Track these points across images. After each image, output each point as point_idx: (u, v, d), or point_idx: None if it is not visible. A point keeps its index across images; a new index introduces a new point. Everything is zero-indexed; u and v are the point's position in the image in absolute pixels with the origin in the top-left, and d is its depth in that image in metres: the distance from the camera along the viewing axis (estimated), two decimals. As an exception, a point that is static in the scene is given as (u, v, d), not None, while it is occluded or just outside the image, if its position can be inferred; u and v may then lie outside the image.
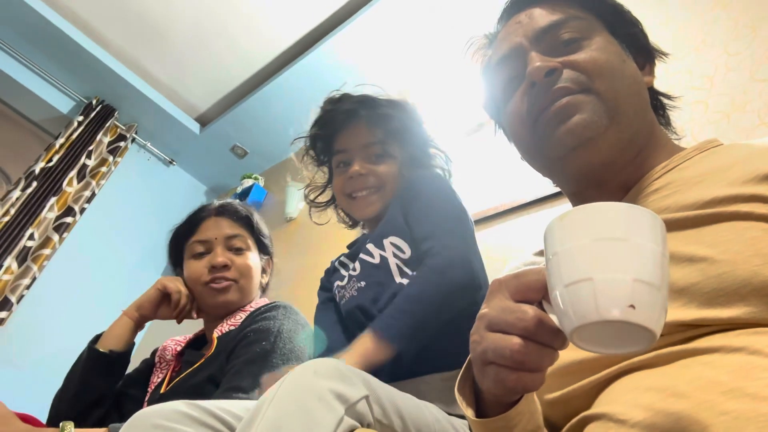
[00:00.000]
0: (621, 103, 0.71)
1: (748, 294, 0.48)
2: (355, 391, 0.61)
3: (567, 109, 0.71)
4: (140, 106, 3.19)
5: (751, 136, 1.34)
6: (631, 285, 0.38)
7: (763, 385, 0.41)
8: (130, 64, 3.04)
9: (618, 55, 0.75)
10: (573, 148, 0.71)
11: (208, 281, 1.35)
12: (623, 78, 0.73)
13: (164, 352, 1.43)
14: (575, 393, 0.58)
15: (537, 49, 0.76)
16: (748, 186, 0.55)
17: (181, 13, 2.72)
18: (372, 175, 1.19)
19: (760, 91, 1.39)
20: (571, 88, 0.71)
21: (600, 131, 0.70)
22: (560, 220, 0.44)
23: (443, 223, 1.04)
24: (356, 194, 1.20)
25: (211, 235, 1.40)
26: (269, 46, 2.84)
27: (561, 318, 0.42)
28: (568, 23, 0.76)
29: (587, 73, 0.72)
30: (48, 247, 2.70)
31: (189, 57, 2.96)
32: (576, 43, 0.75)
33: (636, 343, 0.40)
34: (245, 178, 3.36)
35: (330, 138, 1.28)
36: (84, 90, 3.14)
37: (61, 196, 2.82)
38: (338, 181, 1.25)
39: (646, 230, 0.41)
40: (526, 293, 0.47)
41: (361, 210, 1.21)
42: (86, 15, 2.79)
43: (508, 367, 0.45)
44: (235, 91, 3.15)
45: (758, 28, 1.49)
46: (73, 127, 2.98)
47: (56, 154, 2.90)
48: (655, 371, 0.50)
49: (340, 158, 1.25)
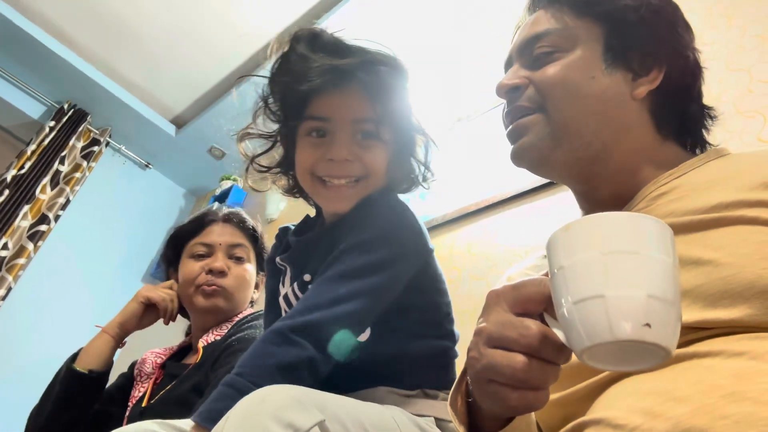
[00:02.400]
0: (571, 123, 0.71)
1: (751, 296, 0.48)
2: (308, 418, 0.57)
3: (516, 132, 0.75)
4: (114, 109, 3.12)
5: (727, 125, 1.35)
6: (645, 302, 0.37)
7: (763, 390, 0.40)
8: (101, 66, 2.98)
9: (587, 71, 0.72)
10: (527, 167, 0.75)
11: (201, 283, 1.32)
12: (580, 97, 0.72)
13: (143, 365, 1.38)
14: (571, 397, 0.57)
15: (520, 61, 0.78)
16: (754, 192, 0.55)
17: (153, 14, 2.66)
18: (358, 161, 0.92)
19: (735, 80, 1.40)
20: (525, 108, 0.74)
21: (545, 153, 0.72)
22: (565, 231, 0.41)
23: (360, 272, 0.83)
24: (331, 180, 0.92)
25: (215, 240, 1.38)
26: (244, 44, 2.80)
27: (569, 336, 0.40)
28: (546, 36, 0.75)
29: (541, 93, 0.73)
30: (23, 257, 2.64)
31: (162, 57, 2.91)
32: (547, 57, 0.75)
33: (649, 360, 0.39)
34: (224, 179, 3.32)
35: (304, 95, 0.93)
36: (55, 94, 3.07)
37: (34, 204, 2.76)
38: (306, 154, 0.93)
39: (657, 241, 0.39)
40: (526, 305, 0.45)
41: (331, 201, 0.94)
42: (54, 17, 2.72)
43: (509, 386, 0.44)
44: (211, 91, 3.10)
45: (733, 17, 1.50)
46: (44, 133, 2.92)
47: (28, 160, 2.83)
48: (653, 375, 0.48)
49: (314, 125, 0.93)
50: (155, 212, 3.48)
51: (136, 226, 3.34)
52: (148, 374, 1.35)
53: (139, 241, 3.33)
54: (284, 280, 1.01)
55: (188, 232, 1.42)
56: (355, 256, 0.84)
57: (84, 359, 1.26)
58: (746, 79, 1.38)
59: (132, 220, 3.32)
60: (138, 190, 3.43)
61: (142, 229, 3.36)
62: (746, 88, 1.37)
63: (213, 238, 1.38)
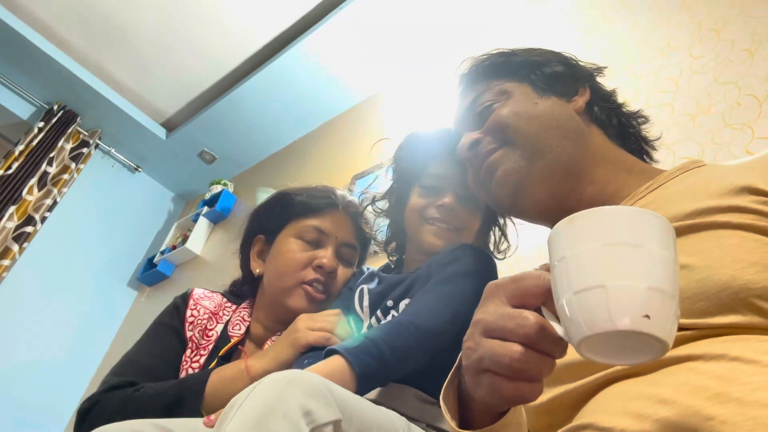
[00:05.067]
0: (535, 140, 0.79)
1: (727, 298, 0.49)
2: (327, 413, 0.58)
3: (490, 169, 0.82)
4: (104, 111, 3.10)
5: (716, 137, 1.37)
6: (645, 293, 0.37)
7: (749, 390, 0.41)
8: (92, 68, 2.96)
9: (529, 101, 0.83)
10: (510, 197, 0.80)
11: (307, 280, 1.14)
12: (533, 118, 0.81)
13: (200, 318, 1.16)
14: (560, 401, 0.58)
15: (465, 128, 0.89)
16: (725, 198, 0.57)
17: (145, 16, 2.66)
18: (460, 215, 1.09)
19: (724, 93, 1.42)
20: (491, 149, 0.82)
21: (523, 173, 0.78)
22: (569, 223, 0.42)
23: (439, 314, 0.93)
24: (436, 223, 1.09)
25: (331, 229, 1.19)
26: (237, 50, 2.80)
27: (568, 326, 0.40)
28: (481, 96, 0.87)
29: (499, 130, 0.82)
30: (7, 258, 2.61)
31: (154, 60, 2.90)
32: (489, 110, 0.85)
33: (646, 354, 0.39)
34: (214, 183, 3.30)
35: (422, 163, 1.14)
36: (44, 95, 3.05)
37: (20, 205, 2.73)
38: (418, 201, 1.11)
39: (658, 236, 0.39)
40: (525, 298, 0.45)
41: (430, 237, 1.08)
42: (46, 17, 2.71)
43: (505, 376, 0.44)
44: (202, 95, 3.09)
45: (722, 32, 1.52)
46: (33, 134, 2.90)
47: (15, 161, 2.81)
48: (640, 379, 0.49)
49: (429, 182, 1.11)
50: (143, 216, 3.45)
51: (124, 229, 3.31)
52: (206, 336, 1.15)
53: (126, 244, 3.30)
54: (360, 301, 1.12)
55: (303, 207, 1.21)
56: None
57: (211, 404, 0.95)
58: (735, 93, 1.40)
59: (120, 223, 3.30)
60: (127, 193, 3.40)
61: (129, 232, 3.33)
62: (735, 101, 1.39)
63: (329, 226, 1.20)
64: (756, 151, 1.27)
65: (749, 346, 0.46)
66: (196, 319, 1.17)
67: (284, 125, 3.06)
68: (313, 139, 3.02)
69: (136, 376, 1.04)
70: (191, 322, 1.17)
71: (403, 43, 2.53)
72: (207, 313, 1.19)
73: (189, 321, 1.17)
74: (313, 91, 2.84)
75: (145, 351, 1.12)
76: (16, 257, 2.66)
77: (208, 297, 1.23)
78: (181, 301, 1.21)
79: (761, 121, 1.31)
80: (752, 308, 0.48)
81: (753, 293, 0.48)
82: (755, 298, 0.48)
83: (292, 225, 1.20)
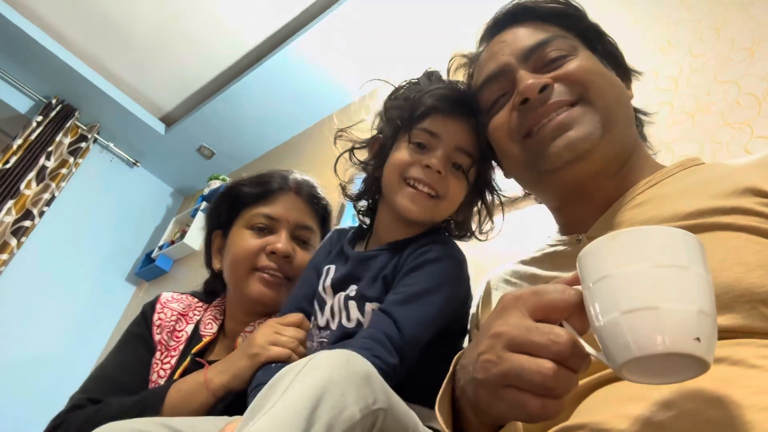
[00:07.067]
0: (613, 111, 0.73)
1: (730, 301, 0.48)
2: (376, 398, 0.57)
3: (563, 125, 0.71)
4: (102, 106, 3.10)
5: (715, 136, 1.36)
6: (697, 317, 0.37)
7: (746, 394, 0.41)
8: (91, 62, 2.95)
9: (604, 67, 0.78)
10: (569, 161, 0.71)
11: (261, 267, 1.12)
12: (613, 86, 0.75)
13: (167, 320, 1.15)
14: None
15: (525, 67, 0.77)
16: (728, 199, 0.56)
17: (145, 12, 2.65)
18: (445, 181, 0.95)
19: (723, 92, 1.41)
20: (565, 101, 0.73)
21: (595, 143, 0.70)
22: (611, 240, 0.41)
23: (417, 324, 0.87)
24: (418, 185, 0.95)
25: (282, 214, 1.16)
26: (235, 46, 2.79)
27: (611, 346, 0.39)
28: (554, 41, 0.77)
29: (580, 83, 0.73)
30: (5, 253, 2.61)
31: (153, 55, 2.89)
32: (563, 59, 0.76)
33: (685, 374, 0.39)
34: (212, 179, 3.30)
35: (422, 114, 0.98)
36: (43, 89, 3.04)
37: (18, 199, 2.73)
38: (402, 156, 0.97)
39: (702, 258, 0.40)
40: (549, 312, 0.44)
41: (404, 201, 0.95)
42: (45, 12, 2.70)
43: (532, 392, 0.42)
44: (201, 90, 3.09)
45: (721, 30, 1.51)
46: (31, 128, 2.89)
47: (14, 155, 2.80)
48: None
49: (422, 138, 0.97)
50: (142, 210, 3.45)
51: (122, 224, 3.31)
52: (175, 337, 1.14)
53: (124, 239, 3.30)
54: (325, 281, 1.02)
55: (251, 196, 1.19)
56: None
57: (169, 411, 0.94)
58: (734, 91, 1.39)
59: (118, 217, 3.29)
60: (125, 188, 3.40)
61: (127, 227, 3.33)
62: (734, 99, 1.38)
63: (279, 211, 1.17)
64: (755, 150, 1.27)
65: (751, 351, 0.45)
66: (163, 321, 1.17)
67: (282, 121, 3.05)
68: (310, 135, 3.02)
69: (102, 392, 1.03)
70: (158, 326, 1.16)
71: (399, 41, 2.52)
72: (175, 315, 1.19)
73: (156, 325, 1.16)
74: (310, 89, 2.83)
75: (114, 364, 1.12)
76: (14, 252, 2.66)
77: (176, 300, 1.24)
78: (148, 308, 1.21)
79: (761, 119, 1.31)
80: (755, 312, 0.48)
81: (756, 296, 0.48)
82: (758, 302, 0.48)
83: (242, 216, 1.19)
